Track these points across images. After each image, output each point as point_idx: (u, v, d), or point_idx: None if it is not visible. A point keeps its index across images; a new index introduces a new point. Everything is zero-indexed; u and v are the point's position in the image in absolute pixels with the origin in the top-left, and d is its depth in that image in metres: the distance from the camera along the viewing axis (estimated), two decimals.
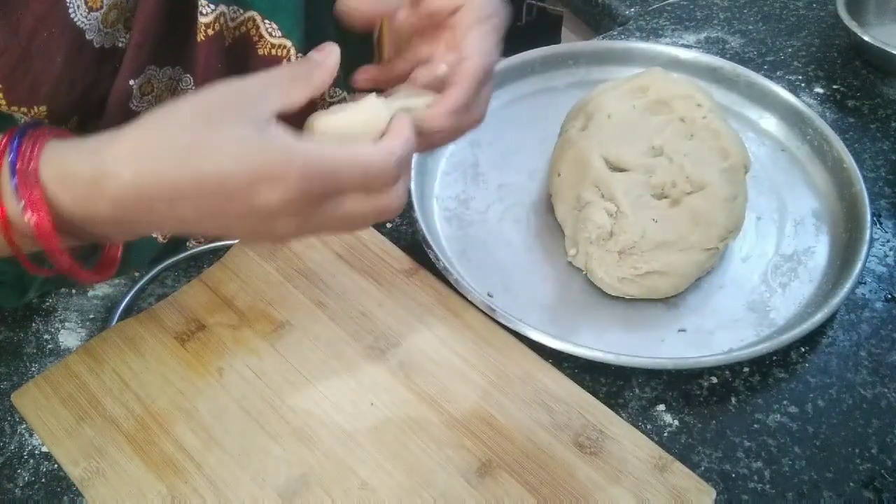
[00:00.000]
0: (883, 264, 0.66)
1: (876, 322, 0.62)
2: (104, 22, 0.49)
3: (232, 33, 0.55)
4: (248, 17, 0.55)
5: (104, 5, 0.48)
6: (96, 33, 0.49)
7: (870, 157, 0.75)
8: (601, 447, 0.52)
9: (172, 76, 0.56)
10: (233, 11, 0.54)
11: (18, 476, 0.52)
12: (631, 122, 0.65)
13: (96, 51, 0.50)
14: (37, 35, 0.46)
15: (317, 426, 0.53)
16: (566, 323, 0.61)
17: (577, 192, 0.63)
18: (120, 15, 0.50)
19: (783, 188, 0.71)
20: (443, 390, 0.55)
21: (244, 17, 0.55)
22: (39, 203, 0.38)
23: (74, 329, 0.61)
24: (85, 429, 0.53)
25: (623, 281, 0.60)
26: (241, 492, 0.50)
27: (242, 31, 0.56)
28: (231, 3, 0.53)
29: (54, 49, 0.47)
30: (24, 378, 0.57)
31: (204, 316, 0.59)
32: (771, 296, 0.63)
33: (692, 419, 0.56)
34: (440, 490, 0.50)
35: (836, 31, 0.89)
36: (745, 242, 0.67)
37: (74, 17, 0.47)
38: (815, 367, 0.59)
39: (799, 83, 0.83)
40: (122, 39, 0.51)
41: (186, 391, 0.55)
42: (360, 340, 0.58)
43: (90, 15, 0.48)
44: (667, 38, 0.89)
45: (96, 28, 0.49)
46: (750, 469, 0.54)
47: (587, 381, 0.57)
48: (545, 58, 0.80)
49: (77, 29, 0.48)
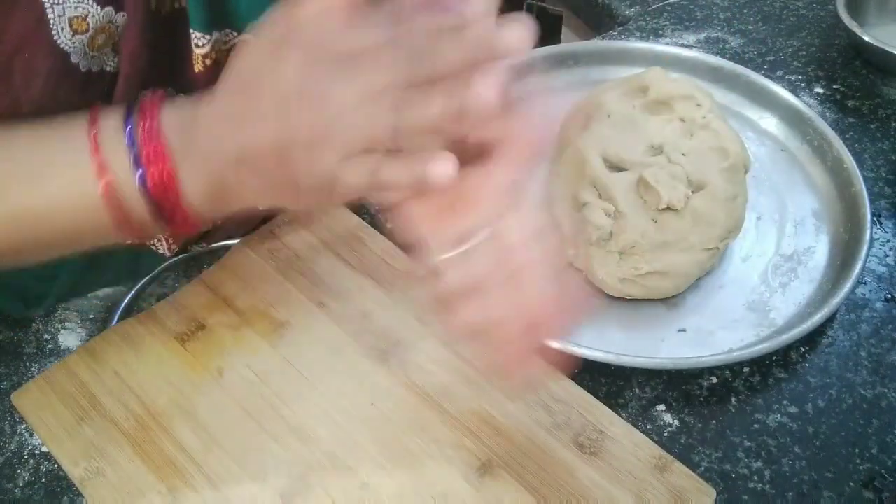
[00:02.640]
0: (883, 264, 0.66)
1: (876, 322, 0.62)
2: (90, 46, 0.47)
3: (225, 55, 0.54)
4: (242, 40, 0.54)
5: (90, 29, 0.47)
6: (82, 57, 0.48)
7: (870, 157, 0.75)
8: (601, 447, 0.52)
9: None
10: (225, 35, 0.53)
11: (18, 476, 0.52)
12: (631, 121, 0.65)
13: (83, 74, 0.48)
14: (18, 54, 0.45)
15: (317, 426, 0.53)
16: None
17: (575, 191, 0.63)
18: (108, 39, 0.48)
19: (783, 188, 0.71)
20: (443, 390, 0.55)
21: (238, 41, 0.54)
22: (162, 155, 0.40)
23: (74, 329, 0.61)
24: (85, 429, 0.53)
25: (624, 282, 0.60)
26: (241, 492, 0.50)
27: None
28: (223, 27, 0.52)
29: (37, 69, 0.46)
30: (24, 378, 0.57)
31: (204, 316, 0.59)
32: (771, 296, 0.63)
33: (692, 419, 0.56)
34: (440, 490, 0.50)
35: (836, 31, 0.89)
36: (745, 242, 0.67)
37: (58, 40, 0.46)
38: (815, 367, 0.59)
39: (799, 83, 0.83)
40: (110, 64, 0.50)
41: (186, 391, 0.55)
42: (361, 340, 0.58)
43: (75, 38, 0.46)
44: (667, 38, 0.88)
45: (82, 52, 0.47)
46: (750, 469, 0.54)
47: (587, 381, 0.57)
48: (545, 58, 0.80)
49: (61, 51, 0.46)
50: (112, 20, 0.47)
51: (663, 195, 0.59)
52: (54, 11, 0.45)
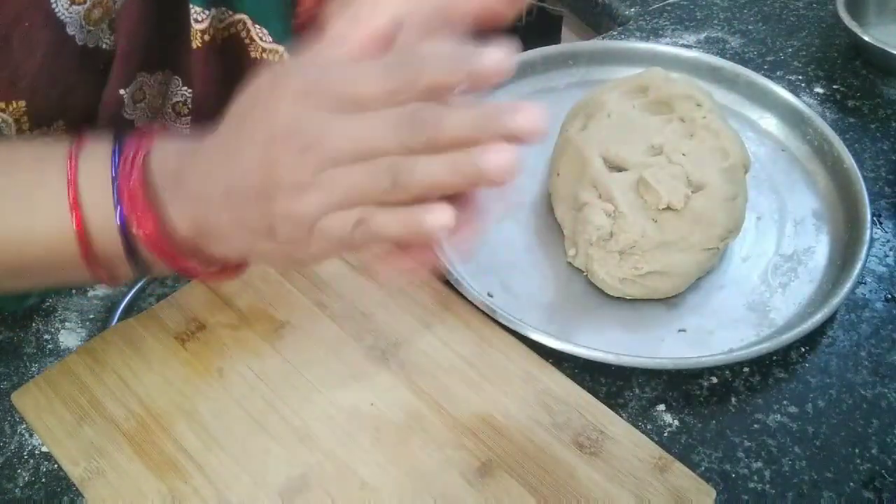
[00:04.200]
0: (883, 264, 0.66)
1: (876, 322, 0.62)
2: (87, 19, 0.47)
3: (221, 34, 0.54)
4: (237, 19, 0.54)
5: (87, 0, 0.47)
6: (78, 30, 0.48)
7: (870, 157, 0.75)
8: (601, 447, 0.52)
9: (163, 80, 0.55)
10: (221, 13, 0.53)
11: (18, 476, 0.52)
12: (631, 121, 0.65)
13: (79, 48, 0.48)
14: (17, 25, 0.45)
15: (317, 426, 0.53)
16: (566, 323, 0.61)
17: (575, 191, 0.63)
18: (104, 14, 0.48)
19: (783, 188, 0.71)
20: (443, 390, 0.55)
21: (233, 19, 0.54)
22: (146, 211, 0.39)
23: (74, 329, 0.61)
24: (85, 429, 0.53)
25: (624, 282, 0.60)
26: (241, 492, 0.50)
27: (232, 32, 0.55)
28: (220, 4, 0.53)
29: (35, 41, 0.46)
30: (24, 378, 0.57)
31: (204, 316, 0.59)
32: (771, 296, 0.63)
33: (692, 419, 0.56)
34: (440, 490, 0.50)
35: (836, 31, 0.89)
36: (745, 242, 0.67)
37: (55, 8, 0.46)
38: (815, 367, 0.59)
39: (799, 83, 0.83)
40: (106, 41, 0.50)
41: (187, 391, 0.55)
42: (361, 340, 0.58)
43: (72, 8, 0.46)
44: (667, 38, 0.88)
45: (78, 24, 0.47)
46: (750, 469, 0.54)
47: (587, 381, 0.57)
48: (545, 58, 0.80)
49: (58, 21, 0.46)
50: None
51: (663, 195, 0.59)
52: None
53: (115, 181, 0.40)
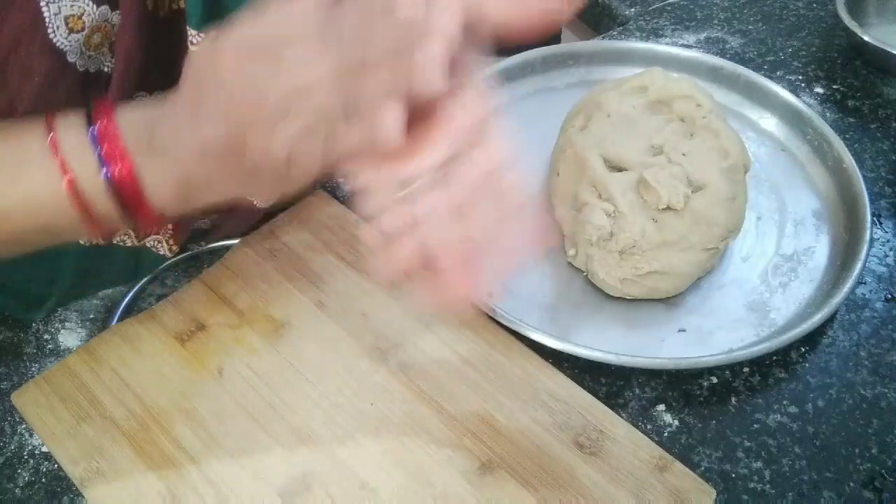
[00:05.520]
0: (883, 264, 0.66)
1: (876, 322, 0.62)
2: (87, 45, 0.47)
3: None
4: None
5: (86, 27, 0.47)
6: (78, 56, 0.48)
7: (870, 157, 0.75)
8: (601, 447, 0.52)
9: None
10: None
11: (18, 476, 0.52)
12: (630, 121, 0.65)
13: (80, 74, 0.48)
14: (14, 53, 0.45)
15: (317, 426, 0.53)
16: (566, 323, 0.61)
17: (575, 191, 0.63)
18: (104, 38, 0.48)
19: (783, 188, 0.71)
20: (443, 390, 0.55)
21: None
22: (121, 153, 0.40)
23: (74, 329, 0.61)
24: (85, 429, 0.53)
25: (624, 282, 0.60)
26: (241, 492, 0.50)
27: None
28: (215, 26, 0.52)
29: (32, 67, 0.46)
30: (24, 378, 0.57)
31: (204, 316, 0.59)
32: (771, 296, 0.63)
33: (692, 419, 0.56)
34: (440, 490, 0.50)
35: (836, 31, 0.89)
36: (745, 242, 0.67)
37: (54, 38, 0.46)
38: (815, 367, 0.59)
39: (799, 83, 0.83)
40: (107, 64, 0.50)
41: (186, 391, 0.55)
42: (361, 340, 0.58)
43: (70, 37, 0.46)
44: (667, 38, 0.88)
45: (78, 51, 0.47)
46: (750, 469, 0.54)
47: (587, 381, 0.57)
48: (545, 58, 0.80)
49: (57, 50, 0.46)
50: (108, 19, 0.47)
51: (663, 195, 0.59)
52: (50, 10, 0.45)
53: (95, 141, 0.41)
